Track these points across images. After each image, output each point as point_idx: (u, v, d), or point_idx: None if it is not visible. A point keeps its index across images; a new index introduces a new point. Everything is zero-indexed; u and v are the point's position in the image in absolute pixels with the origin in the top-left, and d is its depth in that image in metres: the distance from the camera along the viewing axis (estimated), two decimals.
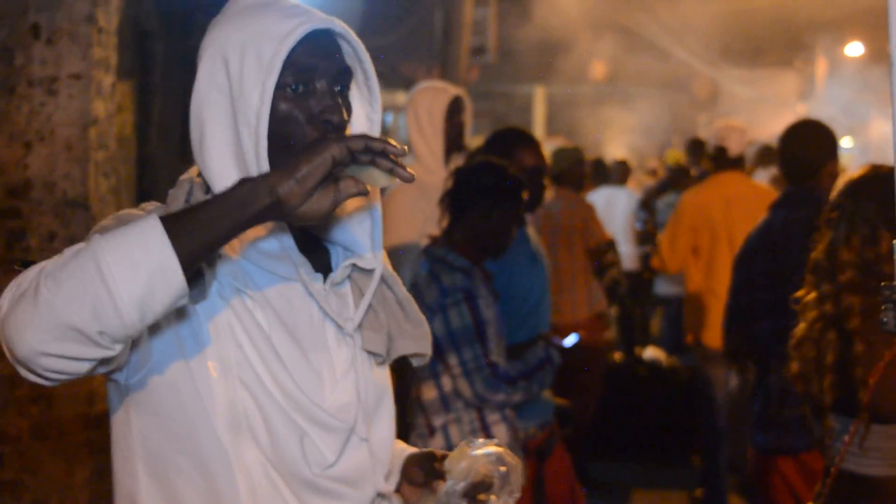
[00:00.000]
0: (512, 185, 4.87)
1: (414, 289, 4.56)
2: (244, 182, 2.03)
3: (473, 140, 8.96)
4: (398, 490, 2.56)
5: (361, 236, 2.41)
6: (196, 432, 2.25)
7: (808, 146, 5.86)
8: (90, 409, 6.04)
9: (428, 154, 6.04)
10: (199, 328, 2.24)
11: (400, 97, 22.85)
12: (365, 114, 2.43)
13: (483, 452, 2.42)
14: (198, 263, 2.10)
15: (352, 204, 2.38)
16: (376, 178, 2.10)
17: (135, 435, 2.33)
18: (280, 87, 2.25)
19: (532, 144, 5.87)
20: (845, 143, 20.60)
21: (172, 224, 1.98)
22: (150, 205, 2.41)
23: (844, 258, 3.84)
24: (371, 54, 2.38)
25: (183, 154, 8.47)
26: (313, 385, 2.31)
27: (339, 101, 2.29)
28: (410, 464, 2.59)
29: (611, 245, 8.60)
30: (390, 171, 2.09)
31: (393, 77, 21.38)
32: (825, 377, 3.85)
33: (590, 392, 8.07)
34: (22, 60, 5.87)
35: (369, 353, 2.44)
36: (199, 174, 2.41)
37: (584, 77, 23.34)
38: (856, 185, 3.94)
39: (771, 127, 23.15)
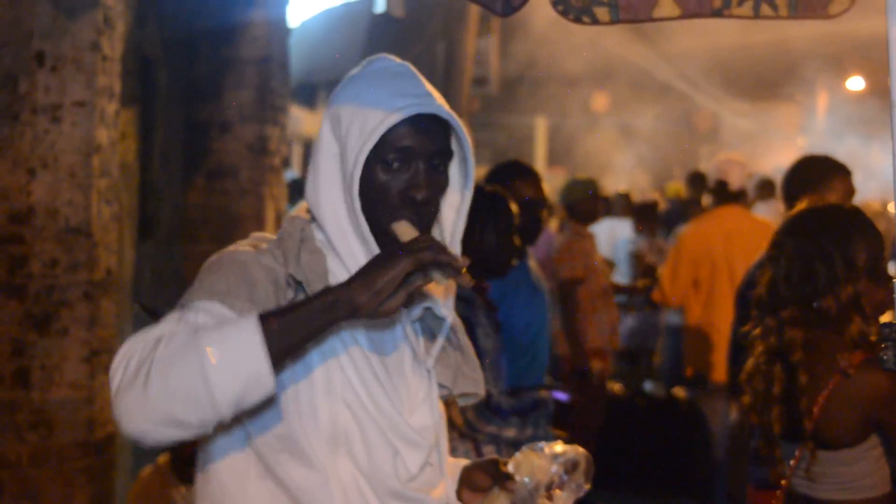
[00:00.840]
0: (503, 208, 4.88)
1: None
2: (328, 292, 2.31)
3: (475, 171, 8.95)
4: (458, 496, 2.81)
5: (444, 291, 2.69)
6: (297, 446, 2.49)
7: (803, 178, 5.89)
8: (90, 435, 6.03)
9: None
10: (307, 354, 2.50)
11: None
12: (459, 188, 2.70)
13: (550, 452, 2.64)
14: (285, 360, 2.35)
15: None
16: (439, 279, 2.36)
17: (249, 449, 2.54)
18: (381, 160, 2.53)
19: (531, 177, 5.89)
20: None
21: (268, 327, 2.25)
22: (263, 241, 2.62)
23: (784, 294, 4.01)
24: None
25: (186, 181, 8.49)
26: (405, 403, 2.60)
27: (430, 179, 2.56)
28: (472, 471, 2.83)
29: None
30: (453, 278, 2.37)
31: None
32: (773, 408, 4.01)
33: (591, 424, 8.06)
34: (26, 87, 5.88)
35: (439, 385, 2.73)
36: (308, 210, 2.65)
37: (586, 109, 23.39)
38: (793, 223, 4.13)
39: (772, 160, 23.20)
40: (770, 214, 11.19)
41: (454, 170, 2.69)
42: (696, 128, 25.79)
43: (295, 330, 2.28)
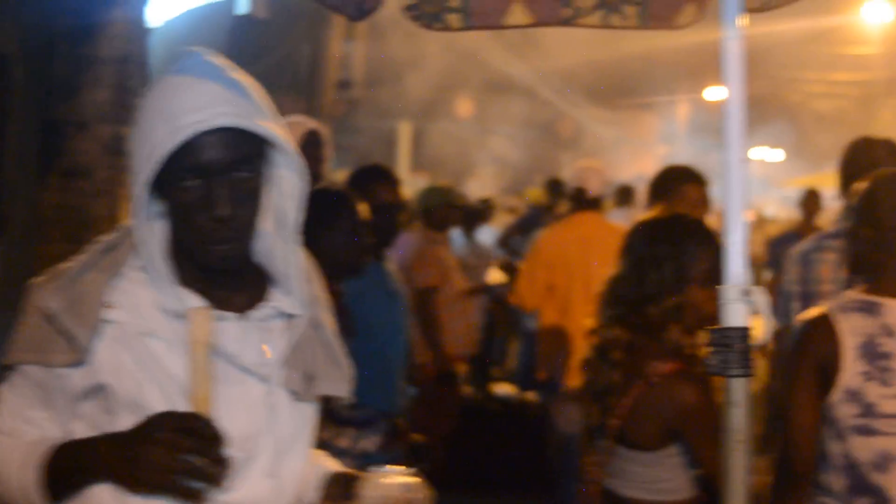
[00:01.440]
0: (349, 207, 4.89)
1: None
2: (88, 460, 2.38)
3: (336, 174, 8.97)
4: None
5: (289, 279, 2.60)
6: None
7: (657, 186, 6.05)
8: None
9: None
10: (111, 397, 2.45)
11: None
12: (292, 181, 2.58)
13: (396, 482, 2.50)
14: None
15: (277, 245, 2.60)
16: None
17: None
18: (180, 185, 2.43)
19: (389, 181, 5.91)
20: None
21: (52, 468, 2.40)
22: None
23: (618, 294, 4.14)
24: None
25: (40, 180, 8.36)
26: (224, 416, 2.40)
27: (232, 191, 2.45)
28: (333, 482, 2.75)
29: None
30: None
31: None
32: (594, 402, 4.13)
33: (442, 427, 8.11)
34: None
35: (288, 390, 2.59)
36: None
37: (450, 114, 23.50)
38: (637, 228, 4.30)
39: (633, 167, 23.52)
40: (626, 221, 11.38)
41: (286, 162, 2.58)
42: (559, 134, 26.03)
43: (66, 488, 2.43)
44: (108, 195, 8.37)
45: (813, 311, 3.91)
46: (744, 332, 2.93)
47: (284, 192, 2.57)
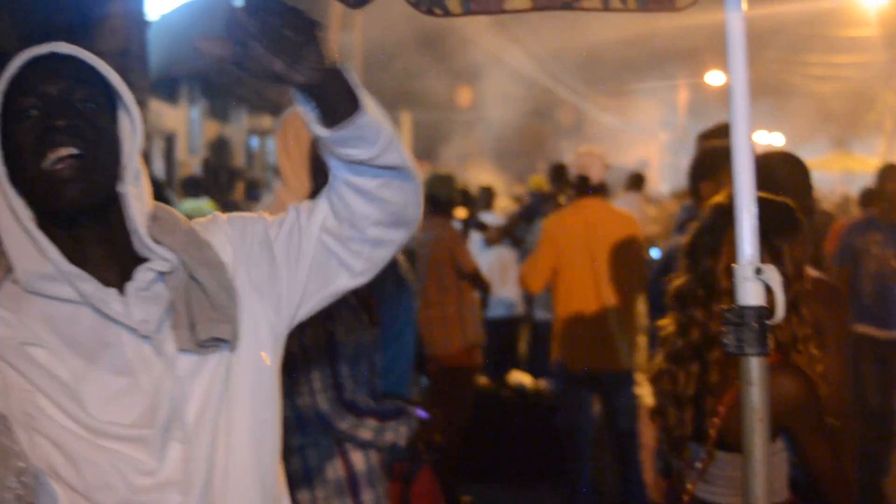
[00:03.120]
0: None
1: None
2: None
3: None
4: None
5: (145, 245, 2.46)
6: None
7: (701, 166, 5.94)
8: None
9: (294, 179, 5.91)
10: (7, 416, 2.32)
11: (265, 121, 22.80)
12: (130, 126, 2.49)
13: None
14: None
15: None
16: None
17: None
18: (18, 117, 2.35)
19: None
20: None
21: None
22: None
23: (723, 287, 3.77)
24: (236, 78, 2.43)
25: None
26: (117, 404, 2.35)
27: (66, 107, 2.35)
28: None
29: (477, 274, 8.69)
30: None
31: (258, 101, 21.29)
32: (685, 408, 3.90)
33: (458, 415, 8.10)
34: None
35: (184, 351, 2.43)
36: None
37: (451, 103, 23.51)
38: (712, 215, 3.94)
39: (635, 153, 23.53)
40: (631, 207, 11.36)
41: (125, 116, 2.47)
42: (560, 122, 26.04)
43: None
44: None
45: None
46: (759, 311, 2.90)
47: (126, 149, 2.46)
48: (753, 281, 2.92)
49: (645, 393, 9.92)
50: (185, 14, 11.13)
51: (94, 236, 2.41)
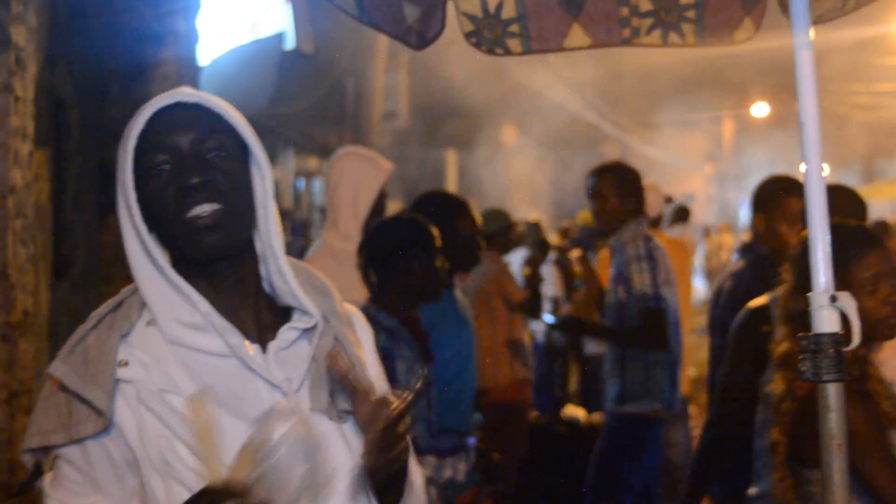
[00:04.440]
0: (424, 233, 4.92)
1: None
2: None
3: (391, 205, 9.01)
4: None
5: (293, 297, 2.46)
6: None
7: (757, 198, 5.99)
8: (10, 477, 5.99)
9: (351, 221, 5.92)
10: (132, 460, 2.31)
11: (312, 162, 22.90)
12: (258, 172, 2.48)
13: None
14: None
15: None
16: None
17: None
18: (150, 171, 2.34)
19: (466, 210, 5.94)
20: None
21: None
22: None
23: (790, 307, 3.92)
24: (283, 120, 2.41)
25: (99, 222, 8.45)
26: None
27: (199, 162, 2.36)
28: None
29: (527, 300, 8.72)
30: None
31: (305, 143, 21.40)
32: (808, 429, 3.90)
33: (514, 450, 8.12)
34: None
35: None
36: None
37: (496, 140, 23.55)
38: (803, 239, 3.86)
39: (681, 186, 23.49)
40: (681, 239, 11.38)
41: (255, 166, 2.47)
42: (605, 156, 26.03)
43: None
44: None
45: None
46: (835, 338, 2.93)
47: (258, 198, 2.47)
48: (829, 308, 2.95)
49: (698, 424, 9.92)
50: (235, 59, 11.25)
51: (229, 283, 2.42)
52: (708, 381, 6.07)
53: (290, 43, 12.56)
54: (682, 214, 12.82)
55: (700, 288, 21.64)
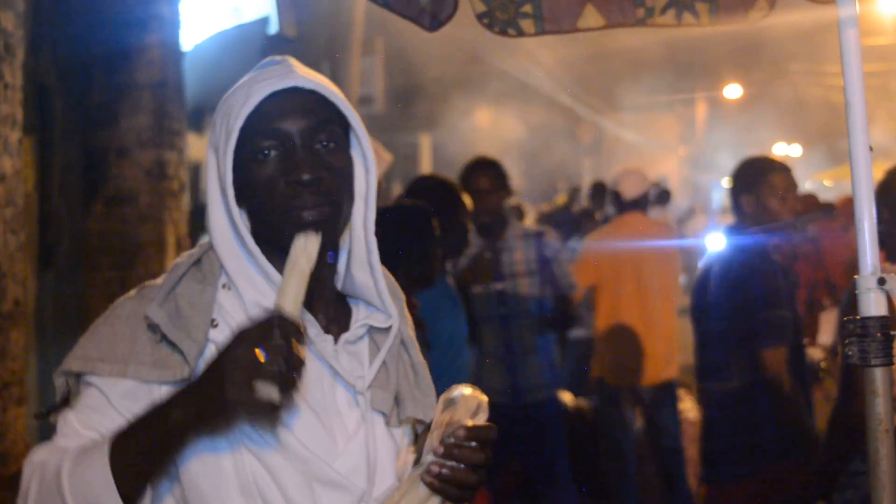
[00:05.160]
0: (425, 220, 4.89)
1: None
2: (178, 404, 2.14)
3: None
4: None
5: (377, 295, 2.44)
6: (212, 500, 2.27)
7: (743, 180, 5.96)
8: (2, 469, 5.94)
9: None
10: None
11: None
12: (361, 163, 2.43)
13: (460, 401, 2.29)
14: (148, 481, 2.21)
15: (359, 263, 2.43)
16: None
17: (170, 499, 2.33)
18: (254, 157, 2.29)
19: (457, 196, 5.90)
20: (725, 184, 21.01)
21: (122, 460, 2.15)
22: (153, 282, 2.42)
23: None
24: None
25: (85, 208, 8.39)
26: (326, 446, 2.30)
27: (312, 156, 2.30)
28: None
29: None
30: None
31: None
32: None
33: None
34: None
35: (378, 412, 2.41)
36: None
37: (470, 124, 23.52)
38: None
39: (655, 169, 23.52)
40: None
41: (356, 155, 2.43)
42: (579, 139, 26.04)
43: (148, 462, 2.17)
44: (153, 220, 8.41)
45: None
46: (883, 321, 2.89)
47: (358, 192, 2.42)
48: (876, 291, 2.92)
49: (688, 407, 9.93)
50: (218, 44, 11.20)
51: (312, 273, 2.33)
52: (696, 367, 6.02)
53: (273, 27, 12.50)
54: (662, 197, 12.86)
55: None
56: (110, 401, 2.29)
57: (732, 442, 5.49)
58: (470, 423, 2.21)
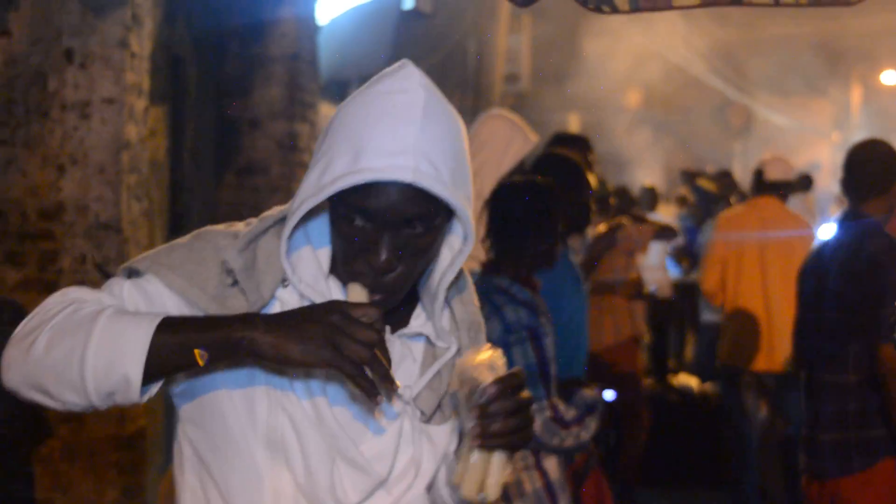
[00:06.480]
0: (544, 197, 4.81)
1: None
2: (233, 326, 2.12)
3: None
4: None
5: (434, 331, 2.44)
6: (235, 447, 2.31)
7: (869, 167, 5.67)
8: (121, 429, 6.07)
9: (491, 183, 5.77)
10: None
11: None
12: (454, 244, 2.40)
13: (477, 362, 2.23)
14: (174, 374, 2.24)
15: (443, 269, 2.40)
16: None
17: (185, 441, 2.39)
18: (346, 213, 2.25)
19: (581, 174, 5.81)
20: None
21: (163, 339, 2.12)
22: (244, 224, 2.40)
23: None
24: None
25: (216, 178, 8.54)
26: (357, 428, 2.32)
27: (395, 244, 2.25)
28: None
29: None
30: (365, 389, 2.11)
31: None
32: None
33: (638, 418, 8.11)
34: (55, 85, 5.93)
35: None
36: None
37: (619, 104, 23.34)
38: None
39: (806, 155, 23.11)
40: (800, 208, 11.20)
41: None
42: (730, 123, 25.67)
43: (186, 353, 2.12)
44: (283, 191, 8.52)
45: None
46: None
47: (453, 246, 2.39)
48: None
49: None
50: (354, 18, 11.26)
51: None
52: (801, 356, 5.87)
53: (408, 2, 12.50)
54: (804, 183, 12.61)
55: None
56: (153, 305, 2.30)
57: (844, 437, 5.37)
58: (491, 378, 2.19)
